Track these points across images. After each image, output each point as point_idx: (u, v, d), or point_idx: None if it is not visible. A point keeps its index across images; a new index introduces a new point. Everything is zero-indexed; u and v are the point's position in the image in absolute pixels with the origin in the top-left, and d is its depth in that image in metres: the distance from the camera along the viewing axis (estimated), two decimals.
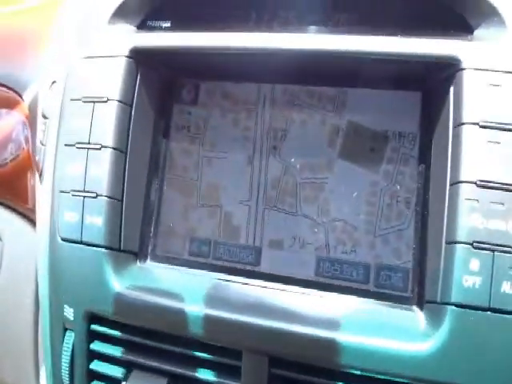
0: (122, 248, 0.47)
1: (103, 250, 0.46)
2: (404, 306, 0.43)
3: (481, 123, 0.39)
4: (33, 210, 0.62)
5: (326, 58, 0.45)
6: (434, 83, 0.44)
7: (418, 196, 0.45)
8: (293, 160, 0.49)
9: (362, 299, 0.44)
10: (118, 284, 0.46)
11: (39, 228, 0.54)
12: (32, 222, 0.64)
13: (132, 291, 0.45)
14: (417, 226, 0.45)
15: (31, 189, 0.64)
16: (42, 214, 0.52)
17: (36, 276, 0.61)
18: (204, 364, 0.44)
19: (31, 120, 0.64)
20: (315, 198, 0.47)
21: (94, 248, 0.47)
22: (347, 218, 0.46)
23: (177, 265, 0.49)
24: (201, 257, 0.49)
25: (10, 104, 0.68)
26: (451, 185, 0.40)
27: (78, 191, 0.47)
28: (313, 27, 0.48)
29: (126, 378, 0.46)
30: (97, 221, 0.46)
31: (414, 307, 0.43)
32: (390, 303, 0.44)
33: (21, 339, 0.62)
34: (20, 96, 0.67)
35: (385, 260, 0.45)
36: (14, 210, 0.65)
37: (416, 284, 0.44)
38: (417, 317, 0.42)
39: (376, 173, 0.46)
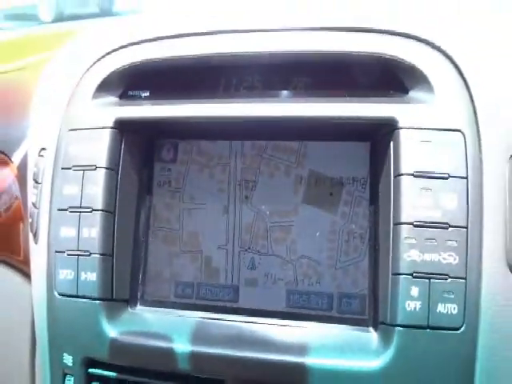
0: (114, 297, 0.56)
1: (97, 301, 0.55)
2: (362, 327, 0.53)
3: (415, 173, 0.50)
4: (24, 262, 0.69)
5: (286, 122, 0.55)
6: (378, 137, 0.55)
7: (370, 232, 0.55)
8: (263, 207, 0.58)
9: (326, 325, 0.54)
10: (112, 330, 0.55)
11: (35, 284, 0.62)
12: (23, 273, 0.71)
13: (125, 336, 0.54)
14: (370, 257, 0.54)
15: (23, 240, 0.72)
16: (38, 271, 0.61)
17: (31, 326, 0.68)
18: None
19: (20, 179, 0.73)
20: (284, 239, 0.57)
21: (89, 300, 0.55)
22: (312, 255, 0.56)
23: (164, 307, 0.58)
24: (185, 298, 0.58)
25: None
26: (394, 225, 0.50)
27: (73, 250, 0.56)
28: (274, 92, 0.58)
29: None
30: (91, 276, 0.55)
31: (371, 328, 0.53)
32: (350, 326, 0.53)
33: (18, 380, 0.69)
34: (9, 158, 0.75)
35: (345, 289, 0.55)
36: (6, 263, 0.73)
37: (372, 308, 0.53)
38: (372, 337, 0.52)
39: (335, 214, 0.56)
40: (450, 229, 0.48)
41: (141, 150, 0.61)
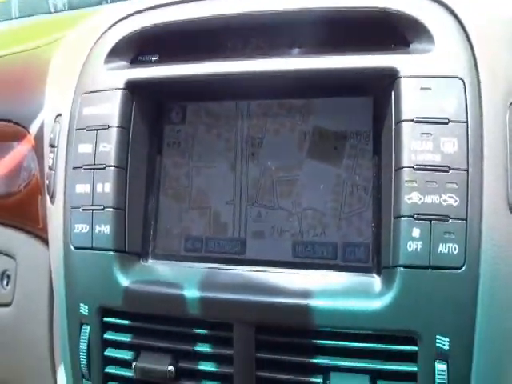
0: (127, 250, 0.59)
1: (111, 253, 0.58)
2: (366, 274, 0.55)
3: (415, 119, 0.52)
4: (43, 230, 0.74)
5: (290, 75, 0.58)
6: (381, 89, 0.57)
7: (373, 183, 0.57)
8: (269, 163, 0.61)
9: (331, 272, 0.56)
10: (125, 280, 0.58)
11: (52, 241, 0.66)
12: (43, 240, 0.75)
13: (137, 285, 0.57)
14: (374, 207, 0.57)
15: (41, 211, 0.76)
16: (54, 228, 0.65)
17: (49, 289, 0.72)
18: (201, 339, 0.56)
19: (38, 149, 0.77)
20: (289, 193, 0.60)
21: (104, 252, 0.59)
22: (316, 207, 0.59)
23: (174, 260, 0.61)
24: (195, 251, 0.61)
25: (18, 137, 0.81)
26: (395, 170, 0.52)
27: (87, 206, 0.60)
28: (279, 50, 0.61)
29: (135, 360, 0.57)
30: (104, 229, 0.59)
31: (374, 274, 0.55)
32: (354, 273, 0.56)
33: (37, 349, 0.73)
34: (26, 129, 0.80)
35: (349, 238, 0.57)
36: (26, 231, 0.77)
37: (375, 255, 0.55)
38: (375, 281, 0.54)
39: (339, 167, 0.59)
40: (451, 171, 0.50)
41: (151, 112, 0.64)
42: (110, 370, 0.59)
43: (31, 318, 0.74)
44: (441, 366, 0.50)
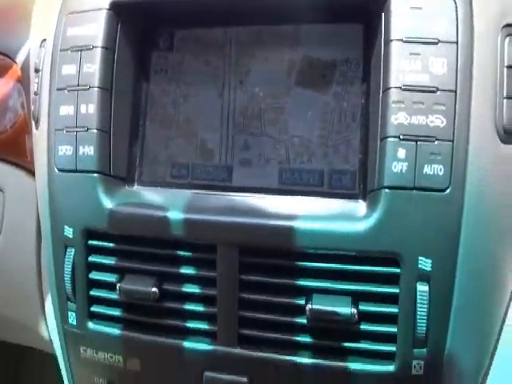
0: (111, 173, 0.59)
1: (95, 175, 0.58)
2: (352, 200, 0.55)
3: (404, 39, 0.51)
4: (31, 162, 0.74)
5: None
6: (371, 15, 0.56)
7: (361, 110, 0.57)
8: (257, 90, 0.61)
9: (317, 198, 0.57)
10: (109, 203, 0.58)
11: (37, 167, 0.66)
12: (30, 172, 0.75)
13: (122, 207, 0.58)
14: (361, 135, 0.57)
15: (29, 145, 0.76)
16: (39, 153, 0.65)
17: (36, 220, 0.73)
18: (185, 261, 0.56)
19: (25, 79, 0.76)
20: (276, 121, 0.59)
21: (88, 174, 0.59)
22: (304, 134, 0.58)
23: (160, 187, 0.61)
24: (181, 178, 0.61)
25: (4, 71, 0.80)
26: (383, 92, 0.52)
27: (71, 127, 0.59)
28: None
29: (120, 282, 0.58)
30: (88, 150, 0.59)
31: (360, 200, 0.55)
32: (340, 199, 0.56)
33: (25, 279, 0.74)
34: (13, 59, 0.79)
35: (336, 166, 0.57)
36: (13, 163, 0.77)
37: (361, 182, 0.56)
38: (361, 206, 0.54)
39: (327, 94, 0.58)
40: (439, 92, 0.50)
41: (137, 36, 0.63)
42: (94, 292, 0.60)
43: (19, 250, 0.74)
44: (422, 288, 0.50)
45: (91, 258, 0.60)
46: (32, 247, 0.73)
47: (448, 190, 0.50)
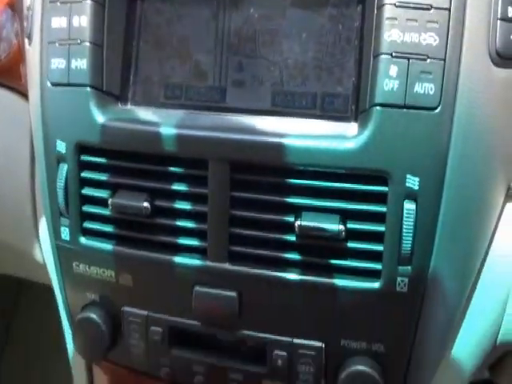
0: (104, 89, 0.60)
1: (88, 89, 0.59)
2: (344, 122, 0.56)
3: None
4: (25, 86, 0.74)
5: None
6: None
7: (356, 33, 0.57)
8: (252, 11, 0.61)
9: (309, 120, 0.58)
10: (102, 117, 0.59)
11: (30, 82, 0.66)
12: (24, 95, 0.76)
13: (114, 122, 0.59)
14: (355, 58, 0.57)
15: (24, 73, 0.76)
16: (32, 69, 0.65)
17: (30, 144, 0.74)
18: (177, 178, 0.58)
19: (18, 4, 0.76)
20: (271, 42, 0.60)
21: (80, 88, 0.59)
22: (298, 57, 0.59)
23: (154, 106, 0.62)
24: (174, 99, 0.62)
25: None
26: (377, 9, 0.52)
27: (64, 40, 0.59)
28: None
29: (111, 197, 0.59)
30: (81, 64, 0.59)
31: (352, 122, 0.56)
32: (332, 122, 0.57)
33: (18, 202, 0.75)
34: None
35: (329, 89, 0.58)
36: (7, 87, 0.78)
37: (354, 106, 0.56)
38: (352, 126, 0.55)
39: (323, 16, 0.59)
40: (433, 10, 0.50)
41: None
42: (87, 208, 0.61)
43: (12, 174, 0.75)
44: (409, 206, 0.52)
45: (84, 174, 0.61)
46: (26, 172, 0.75)
47: (438, 109, 0.51)
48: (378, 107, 0.51)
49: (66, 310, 0.68)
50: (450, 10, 0.50)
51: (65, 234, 0.62)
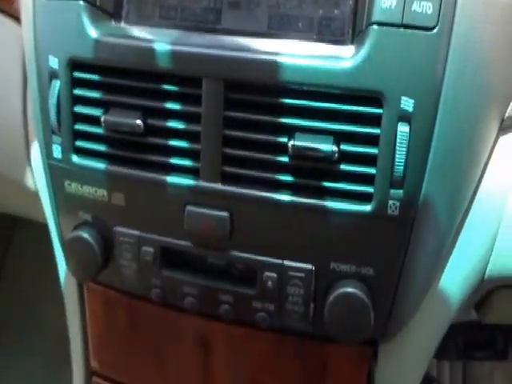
0: (98, 4, 0.60)
1: (81, 2, 0.59)
2: (340, 44, 0.56)
3: None
4: (16, 9, 0.73)
5: None
6: None
7: None
8: None
9: (305, 42, 0.57)
10: (95, 32, 0.59)
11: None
12: (16, 18, 0.75)
13: (108, 37, 0.58)
14: None
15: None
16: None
17: (22, 68, 0.73)
18: (171, 96, 0.58)
19: None
20: None
21: (73, 1, 0.59)
22: None
23: (148, 26, 0.62)
24: (169, 19, 0.62)
25: None
26: None
27: None
28: None
29: (104, 115, 0.59)
30: None
31: (349, 45, 0.56)
32: (329, 44, 0.57)
33: (10, 128, 0.75)
34: None
35: (326, 12, 0.57)
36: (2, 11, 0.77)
37: (351, 29, 0.56)
38: (348, 48, 0.55)
39: None
40: None
41: None
42: (79, 126, 0.62)
43: (4, 100, 0.75)
44: (403, 128, 0.53)
45: (76, 91, 0.61)
46: (18, 96, 0.74)
47: (435, 30, 0.51)
48: (374, 26, 0.52)
49: (58, 231, 0.69)
50: None
51: (57, 152, 0.63)
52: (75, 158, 0.63)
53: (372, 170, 0.55)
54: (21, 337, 1.46)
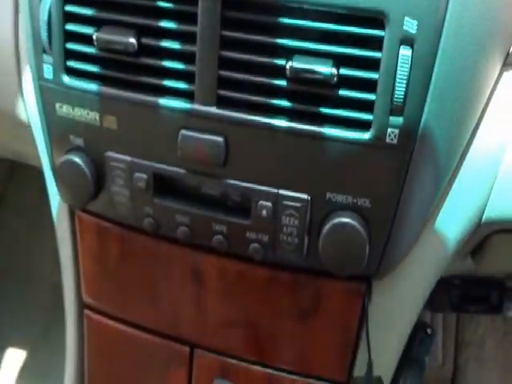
0: None
1: None
2: None
3: None
4: None
5: None
6: None
7: None
8: None
9: None
10: None
11: None
12: None
13: None
14: None
15: None
16: None
17: None
18: (166, 15, 0.57)
19: None
20: None
21: None
22: None
23: None
24: None
25: None
26: None
27: None
28: None
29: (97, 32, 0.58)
30: None
31: None
32: None
33: (1, 57, 0.74)
34: None
35: None
36: None
37: None
38: None
39: None
40: None
41: None
42: (71, 45, 0.60)
43: None
44: (405, 52, 0.51)
45: (68, 8, 0.59)
46: (9, 21, 0.73)
47: None
48: None
49: (50, 159, 0.68)
50: None
51: (48, 72, 0.62)
52: (66, 79, 0.62)
53: (371, 96, 0.54)
54: (17, 286, 1.48)
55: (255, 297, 0.69)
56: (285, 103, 0.56)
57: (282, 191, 0.59)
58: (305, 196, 0.58)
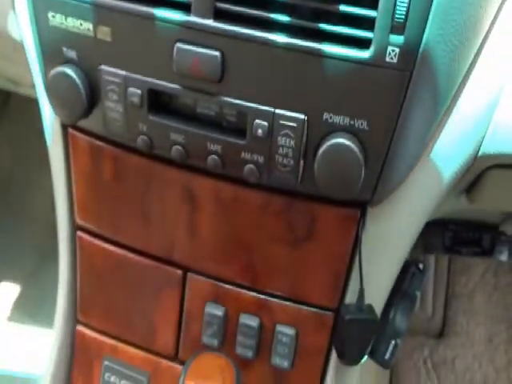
0: None
1: None
2: None
3: None
4: None
5: None
6: None
7: None
8: None
9: None
10: None
11: None
12: None
13: None
14: None
15: None
16: None
17: None
18: None
19: None
20: None
21: None
22: None
23: None
24: None
25: None
26: None
27: None
28: None
29: None
30: None
31: None
32: None
33: None
34: None
35: None
36: None
37: None
38: None
39: None
40: None
41: None
42: None
43: None
44: None
45: None
46: None
47: None
48: None
49: (43, 74, 0.68)
50: None
51: None
52: None
53: (373, 13, 0.53)
54: (8, 223, 1.49)
55: (249, 221, 0.70)
56: (284, 18, 0.55)
57: (278, 110, 0.59)
58: (301, 116, 0.58)
